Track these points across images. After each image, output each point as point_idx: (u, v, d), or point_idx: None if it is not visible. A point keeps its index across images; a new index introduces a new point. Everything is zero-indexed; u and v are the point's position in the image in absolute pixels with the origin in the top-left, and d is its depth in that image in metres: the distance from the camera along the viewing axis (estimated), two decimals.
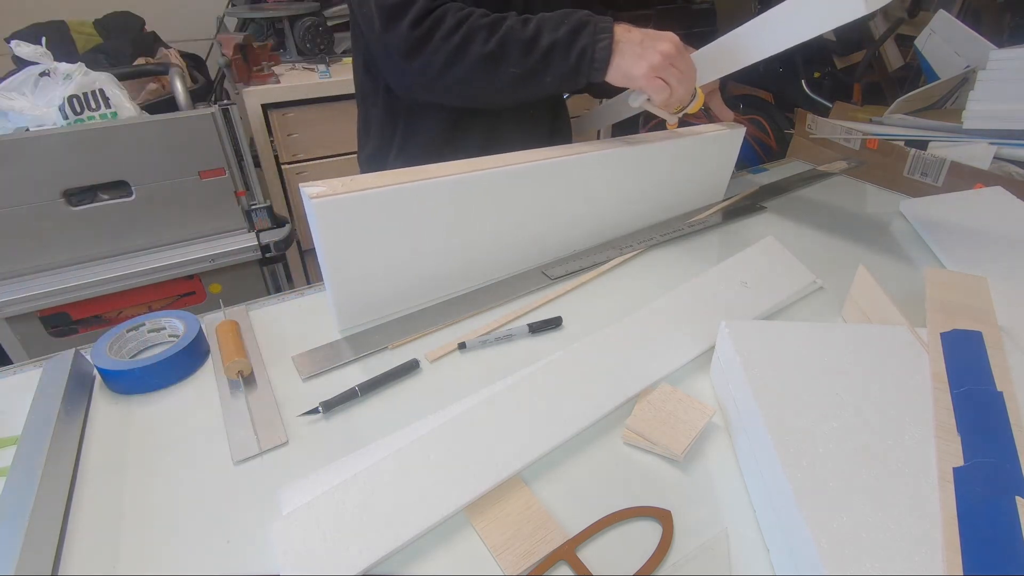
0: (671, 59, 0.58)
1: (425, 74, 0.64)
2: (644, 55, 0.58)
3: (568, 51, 0.60)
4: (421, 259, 0.58)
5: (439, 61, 0.61)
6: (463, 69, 0.61)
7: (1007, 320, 0.49)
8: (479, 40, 0.60)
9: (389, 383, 0.51)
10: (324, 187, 0.49)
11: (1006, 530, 0.32)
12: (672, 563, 0.36)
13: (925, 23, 1.06)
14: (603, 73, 0.60)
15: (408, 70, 0.64)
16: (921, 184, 0.88)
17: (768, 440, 0.37)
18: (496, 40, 0.60)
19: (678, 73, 0.59)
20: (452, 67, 0.61)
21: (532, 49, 0.60)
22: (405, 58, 0.63)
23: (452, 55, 0.61)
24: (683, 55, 0.60)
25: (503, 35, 0.60)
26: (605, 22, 0.60)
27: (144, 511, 0.40)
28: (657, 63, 0.58)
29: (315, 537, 0.35)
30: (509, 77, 0.62)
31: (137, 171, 1.02)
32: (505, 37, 0.60)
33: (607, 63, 0.59)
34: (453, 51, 0.60)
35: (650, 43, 0.59)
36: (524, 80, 0.62)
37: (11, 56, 1.04)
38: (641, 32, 0.60)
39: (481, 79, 0.62)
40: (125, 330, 0.54)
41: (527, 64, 0.60)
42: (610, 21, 0.60)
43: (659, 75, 0.59)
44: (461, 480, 0.40)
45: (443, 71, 0.62)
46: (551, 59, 0.60)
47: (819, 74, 1.40)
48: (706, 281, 0.60)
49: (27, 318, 1.05)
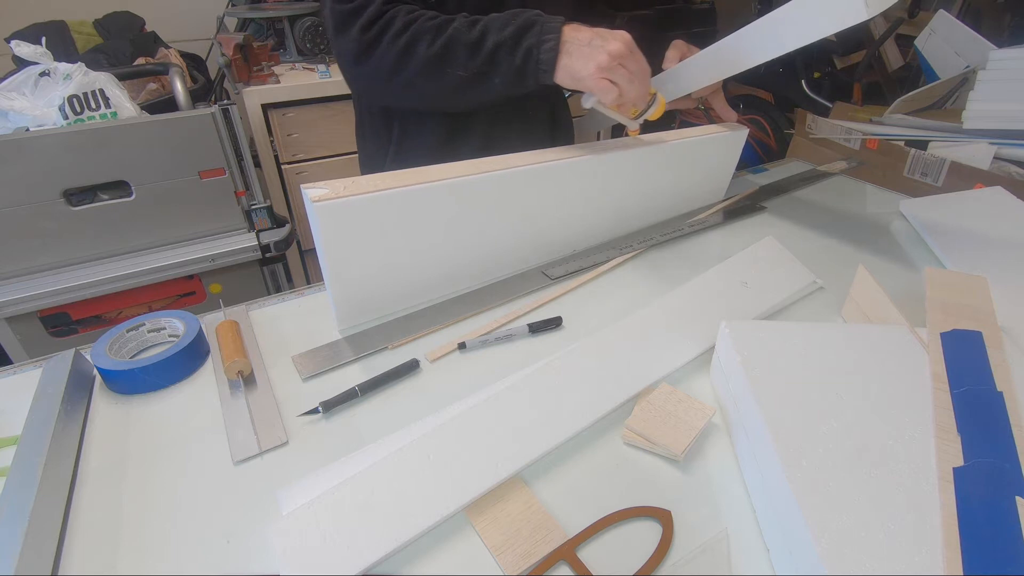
0: (620, 59, 0.56)
1: (375, 78, 0.63)
2: (592, 55, 0.56)
3: (514, 52, 0.58)
4: (421, 260, 0.58)
5: (387, 64, 0.61)
6: (410, 72, 0.61)
7: (1007, 320, 0.49)
8: (425, 42, 0.59)
9: (389, 383, 0.51)
10: (326, 189, 0.49)
11: (1006, 530, 0.32)
12: (672, 563, 0.36)
13: (925, 23, 1.06)
14: (551, 74, 0.58)
15: (359, 74, 0.64)
16: (921, 184, 0.88)
17: (768, 440, 0.37)
18: (441, 42, 0.59)
19: (627, 74, 0.57)
20: (400, 70, 0.61)
21: (477, 51, 0.59)
22: (355, 62, 0.62)
23: (399, 58, 0.60)
24: (634, 55, 0.57)
25: (448, 37, 0.59)
26: (553, 22, 0.58)
27: (144, 511, 0.40)
28: (604, 63, 0.56)
29: (315, 537, 0.35)
30: (456, 80, 0.60)
31: (137, 171, 1.02)
32: (450, 39, 0.59)
33: (554, 64, 0.57)
34: (399, 54, 0.60)
35: (599, 43, 0.56)
36: (472, 83, 0.60)
37: (11, 56, 1.04)
38: (591, 31, 0.58)
39: (428, 82, 0.61)
40: (125, 330, 0.54)
41: (473, 66, 0.59)
42: (559, 21, 0.58)
43: (606, 75, 0.56)
44: (461, 480, 0.40)
45: (391, 75, 0.61)
46: (497, 61, 0.59)
47: (819, 74, 1.40)
48: (706, 281, 0.60)
49: (27, 318, 1.05)
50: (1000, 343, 0.45)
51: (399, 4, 0.62)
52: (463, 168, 0.56)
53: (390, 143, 0.78)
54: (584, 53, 0.57)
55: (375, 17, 0.60)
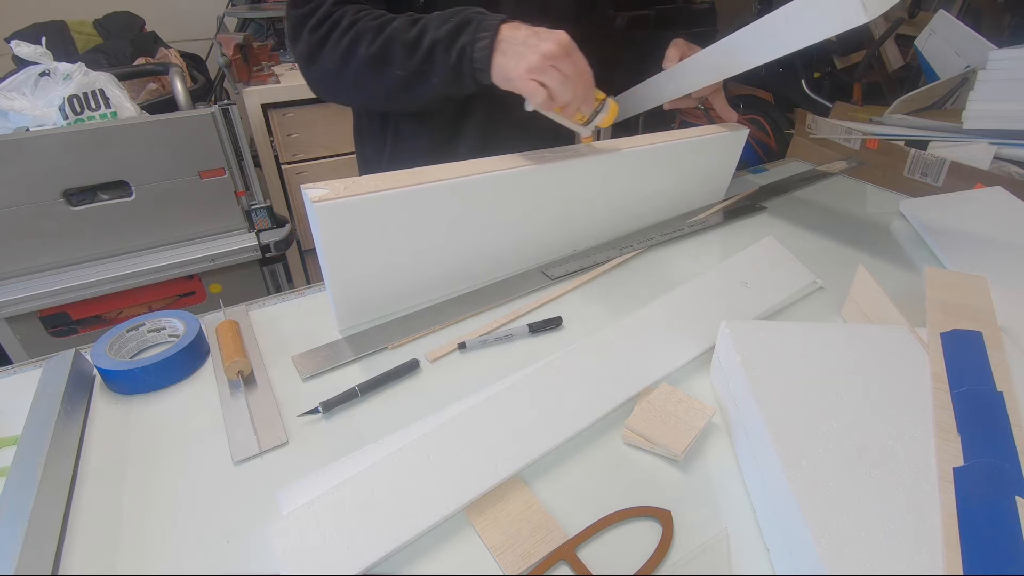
0: (552, 60, 0.53)
1: (323, 79, 0.63)
2: (524, 55, 0.53)
3: (449, 51, 0.56)
4: (421, 260, 0.58)
5: (333, 64, 0.60)
6: (353, 72, 0.59)
7: (1007, 320, 0.49)
8: (366, 42, 0.58)
9: (389, 383, 0.51)
10: (326, 189, 0.49)
11: (1006, 530, 0.32)
12: (672, 563, 0.36)
13: (925, 23, 1.06)
14: (487, 74, 0.56)
15: (311, 75, 0.64)
16: (921, 184, 0.88)
17: (768, 440, 0.37)
18: (380, 41, 0.57)
19: (559, 76, 0.53)
20: (344, 70, 0.60)
21: (415, 50, 0.57)
22: (306, 63, 0.62)
23: (343, 58, 0.59)
24: (570, 57, 0.54)
25: (387, 36, 0.57)
26: (491, 19, 0.56)
27: (144, 511, 0.40)
28: (535, 64, 0.53)
29: (315, 537, 0.35)
30: (396, 80, 0.59)
31: (137, 171, 1.02)
32: (389, 38, 0.57)
33: (489, 63, 0.55)
34: (343, 53, 0.59)
35: (533, 42, 0.53)
36: (412, 83, 0.59)
37: (11, 56, 1.04)
38: (528, 30, 0.55)
39: (371, 82, 0.60)
40: (125, 330, 0.54)
41: (411, 66, 0.57)
42: (498, 19, 0.56)
43: (536, 77, 0.53)
44: (461, 480, 0.40)
45: (337, 75, 0.60)
46: (433, 60, 0.57)
47: (819, 74, 1.40)
48: (706, 281, 0.60)
49: (27, 318, 1.05)
50: (1000, 343, 0.45)
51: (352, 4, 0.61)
52: (463, 168, 0.56)
53: (386, 145, 0.78)
54: (517, 53, 0.54)
55: (324, 17, 0.60)
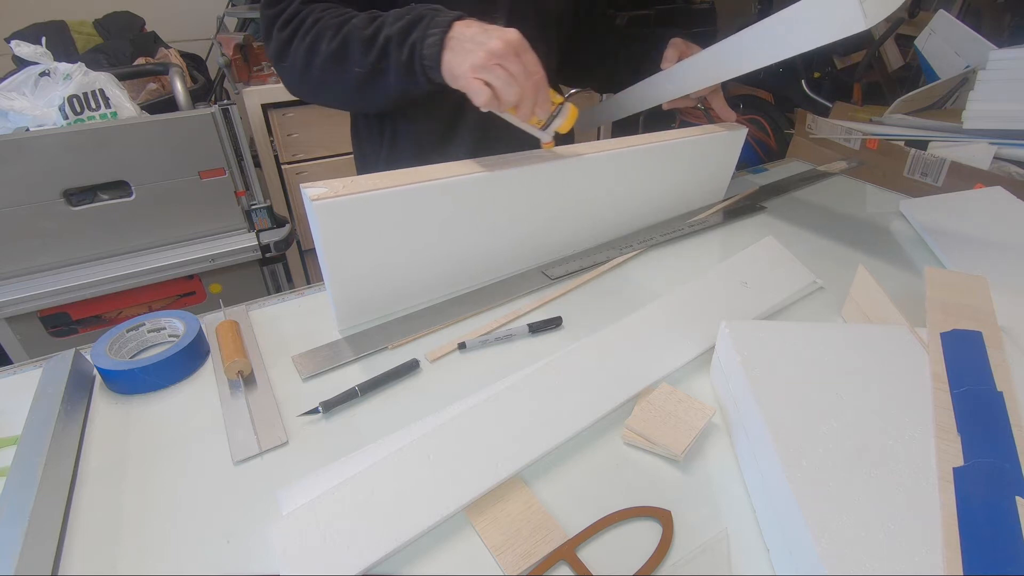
0: (498, 58, 0.51)
1: (292, 77, 0.62)
2: (471, 52, 0.52)
3: (401, 47, 0.55)
4: (421, 259, 0.58)
5: (299, 62, 0.59)
6: (317, 70, 0.59)
7: (1007, 320, 0.49)
8: (326, 39, 0.57)
9: (389, 383, 0.51)
10: (325, 188, 0.49)
11: (1006, 530, 0.32)
12: (672, 563, 0.36)
13: (925, 23, 1.06)
14: (437, 71, 0.54)
15: (281, 74, 0.63)
16: (921, 184, 0.88)
17: (768, 440, 0.37)
18: (340, 38, 0.57)
19: (504, 75, 0.51)
20: (309, 68, 0.59)
21: (371, 47, 0.56)
22: (277, 61, 0.62)
23: (307, 55, 0.58)
24: (519, 56, 0.52)
25: (346, 33, 0.57)
26: (444, 16, 0.54)
27: (144, 511, 0.40)
28: (479, 61, 0.51)
29: (315, 537, 0.35)
30: (355, 77, 0.58)
31: (137, 171, 1.02)
32: (347, 35, 0.56)
33: (438, 60, 0.53)
34: (307, 51, 0.58)
35: (481, 39, 0.52)
36: (370, 81, 0.58)
37: (11, 56, 1.04)
38: (479, 27, 0.53)
39: (333, 80, 0.60)
40: (125, 330, 0.54)
41: (367, 63, 0.56)
42: (452, 16, 0.54)
43: (479, 75, 0.52)
44: (461, 480, 0.40)
45: (303, 72, 0.60)
46: (387, 57, 0.56)
47: (819, 74, 1.40)
48: (706, 281, 0.60)
49: (27, 318, 1.05)
50: (1000, 343, 0.45)
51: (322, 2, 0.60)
52: (462, 168, 0.56)
53: (383, 146, 0.77)
54: (465, 50, 0.52)
55: (291, 16, 0.59)
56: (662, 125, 1.49)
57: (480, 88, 0.52)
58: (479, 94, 0.52)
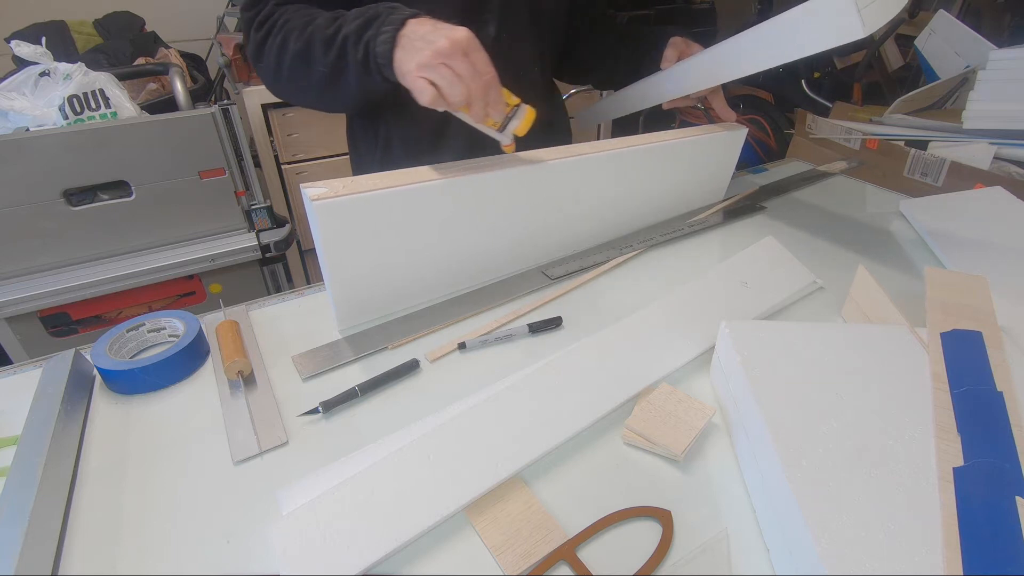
0: (444, 57, 0.50)
1: (268, 77, 0.63)
2: (419, 50, 0.51)
3: (357, 45, 0.54)
4: (421, 259, 0.58)
5: (272, 62, 0.60)
6: (288, 70, 0.59)
7: (1007, 320, 0.49)
8: (293, 38, 0.57)
9: (389, 383, 0.51)
10: (325, 188, 0.49)
11: (1006, 530, 0.32)
12: (672, 563, 0.36)
13: (925, 23, 1.06)
14: (391, 69, 0.53)
15: (259, 74, 0.63)
16: (921, 184, 0.88)
17: (768, 440, 0.37)
18: (305, 37, 0.57)
19: (450, 74, 0.50)
20: (280, 68, 0.59)
21: (331, 46, 0.56)
22: (254, 62, 0.62)
23: (278, 55, 0.59)
24: (467, 55, 0.50)
25: (310, 32, 0.56)
26: (399, 13, 0.53)
27: (144, 511, 0.40)
28: (425, 60, 0.50)
29: (315, 537, 0.35)
30: (320, 77, 0.58)
31: (137, 171, 1.02)
32: (311, 34, 0.56)
33: (390, 58, 0.52)
34: (278, 51, 0.59)
35: (431, 37, 0.50)
36: (333, 80, 0.58)
37: (11, 56, 1.05)
38: (431, 25, 0.52)
39: (301, 79, 0.60)
40: (125, 330, 0.54)
41: (328, 62, 0.56)
42: (408, 13, 0.53)
43: (424, 74, 0.51)
44: (461, 480, 0.40)
45: (276, 72, 0.60)
46: (346, 55, 0.55)
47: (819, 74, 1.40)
48: (706, 281, 0.60)
49: (27, 318, 1.05)
50: (1000, 343, 0.45)
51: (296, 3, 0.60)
52: (462, 168, 0.56)
53: (377, 147, 0.77)
54: (414, 47, 0.51)
55: (266, 17, 0.60)
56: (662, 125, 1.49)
57: (424, 87, 0.51)
58: (423, 93, 0.51)
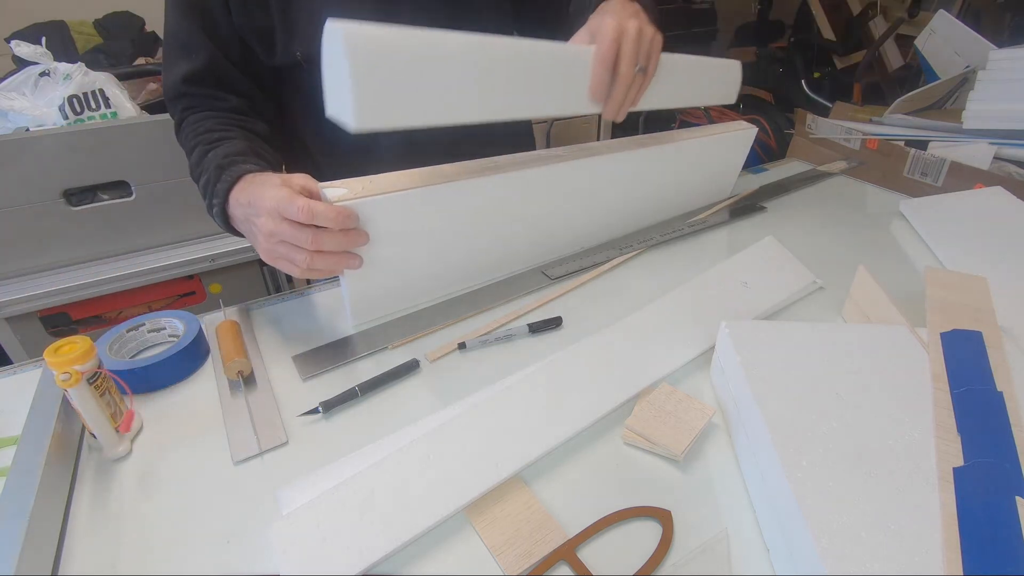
0: (277, 237, 0.47)
1: None
2: (252, 238, 0.50)
3: (207, 204, 0.56)
4: (422, 259, 0.58)
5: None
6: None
7: (1007, 320, 0.49)
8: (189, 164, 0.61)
9: (389, 383, 0.51)
10: (345, 190, 0.49)
11: (1006, 530, 0.32)
12: (672, 563, 0.36)
13: (925, 23, 1.06)
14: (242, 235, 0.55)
15: None
16: (921, 184, 0.88)
17: (768, 440, 0.37)
18: (189, 168, 0.60)
19: (286, 250, 0.48)
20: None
21: (200, 190, 0.58)
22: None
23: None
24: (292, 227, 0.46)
25: (190, 166, 0.60)
26: (223, 182, 0.53)
27: (144, 511, 0.40)
28: (265, 248, 0.49)
29: (315, 537, 0.35)
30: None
31: (137, 171, 1.02)
32: (191, 169, 0.60)
33: (236, 231, 0.55)
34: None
35: (253, 218, 0.49)
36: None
37: (11, 56, 1.05)
38: (246, 201, 0.50)
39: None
40: (125, 330, 0.54)
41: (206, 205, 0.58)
42: (227, 182, 0.52)
43: (274, 262, 0.50)
44: (461, 480, 0.40)
45: None
46: (207, 206, 0.57)
47: (819, 74, 1.40)
48: (706, 281, 0.60)
49: (27, 318, 1.05)
50: (1000, 343, 0.45)
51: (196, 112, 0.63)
52: (465, 170, 0.56)
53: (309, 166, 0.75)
54: (248, 232, 0.52)
55: (177, 123, 0.65)
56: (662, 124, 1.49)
57: (291, 268, 0.49)
58: (291, 272, 0.50)
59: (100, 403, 0.42)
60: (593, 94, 0.53)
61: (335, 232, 0.47)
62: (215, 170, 0.54)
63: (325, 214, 0.45)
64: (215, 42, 0.61)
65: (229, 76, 0.63)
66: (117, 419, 0.43)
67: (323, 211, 0.45)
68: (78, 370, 0.39)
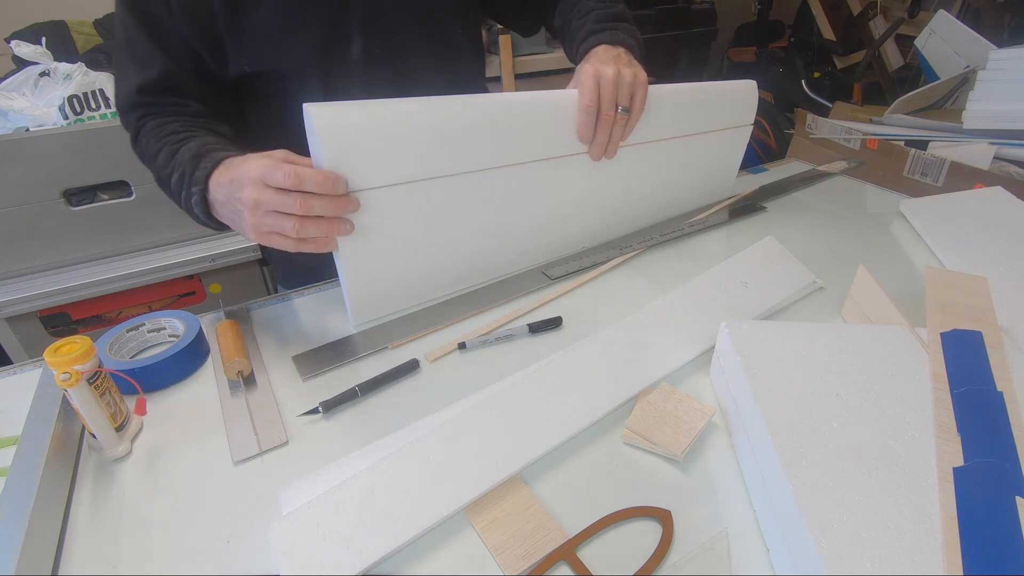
0: (262, 207, 0.45)
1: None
2: (237, 217, 0.48)
3: (179, 198, 0.55)
4: (422, 259, 0.58)
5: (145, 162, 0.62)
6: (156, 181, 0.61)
7: (1007, 320, 0.49)
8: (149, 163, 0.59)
9: (389, 383, 0.51)
10: None
11: (1006, 530, 0.32)
12: (672, 563, 0.36)
13: (925, 23, 1.06)
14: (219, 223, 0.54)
15: None
16: (921, 184, 0.88)
17: (768, 440, 0.37)
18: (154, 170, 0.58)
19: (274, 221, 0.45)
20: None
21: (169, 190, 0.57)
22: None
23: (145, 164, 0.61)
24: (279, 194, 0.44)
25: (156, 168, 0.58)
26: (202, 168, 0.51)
27: (144, 511, 0.40)
28: (252, 223, 0.46)
29: (315, 537, 0.35)
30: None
31: (137, 171, 1.02)
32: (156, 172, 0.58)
33: (216, 220, 0.53)
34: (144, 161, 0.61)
35: (236, 195, 0.47)
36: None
37: (11, 56, 1.05)
38: (227, 181, 0.48)
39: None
40: (125, 330, 0.54)
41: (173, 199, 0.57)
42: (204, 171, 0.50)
43: (262, 237, 0.47)
44: (461, 480, 0.40)
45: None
46: (180, 202, 0.56)
47: (819, 74, 1.40)
48: (706, 281, 0.60)
49: (27, 318, 1.05)
50: (1000, 343, 0.45)
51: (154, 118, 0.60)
52: (466, 164, 0.56)
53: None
54: (231, 213, 0.49)
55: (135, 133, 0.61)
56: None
57: (282, 242, 0.47)
58: (282, 247, 0.48)
59: (100, 403, 0.42)
60: (580, 138, 0.60)
61: (324, 196, 0.45)
62: (191, 160, 0.52)
63: (313, 178, 0.44)
64: (168, 52, 0.59)
65: (185, 85, 0.61)
66: (117, 419, 0.43)
67: (310, 175, 0.44)
68: (78, 370, 0.39)
